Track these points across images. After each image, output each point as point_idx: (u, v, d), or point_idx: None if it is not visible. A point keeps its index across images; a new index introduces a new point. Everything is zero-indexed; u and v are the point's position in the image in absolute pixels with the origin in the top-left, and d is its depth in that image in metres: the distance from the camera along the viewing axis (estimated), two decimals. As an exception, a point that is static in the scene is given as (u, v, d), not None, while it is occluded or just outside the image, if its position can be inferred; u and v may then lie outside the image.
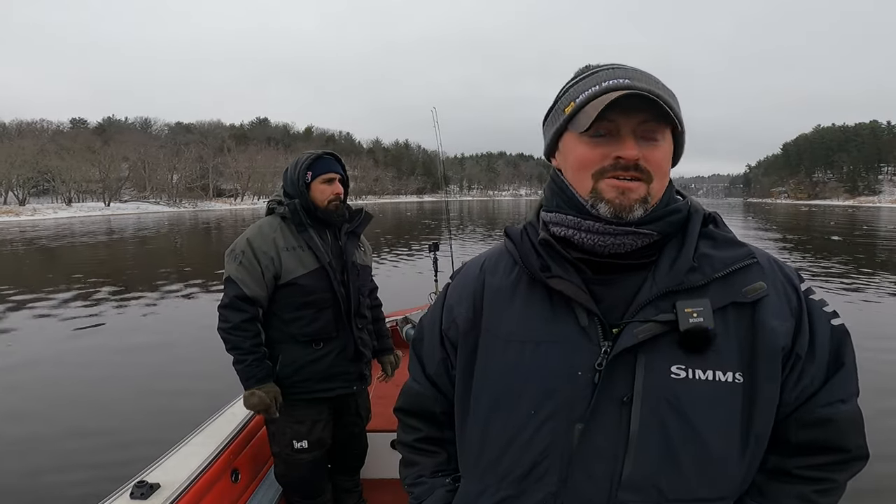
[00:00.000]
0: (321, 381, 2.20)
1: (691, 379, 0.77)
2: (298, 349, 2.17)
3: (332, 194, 2.17)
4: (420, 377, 1.03)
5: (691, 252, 0.81)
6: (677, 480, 0.77)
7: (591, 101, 0.78)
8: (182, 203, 76.01)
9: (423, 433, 1.03)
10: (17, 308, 9.62)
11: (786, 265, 0.87)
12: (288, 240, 2.16)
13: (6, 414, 4.99)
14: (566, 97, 0.84)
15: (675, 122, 0.78)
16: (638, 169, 0.78)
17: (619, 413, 0.78)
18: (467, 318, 0.92)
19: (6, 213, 51.05)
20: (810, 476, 0.83)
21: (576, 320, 0.81)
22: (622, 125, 0.78)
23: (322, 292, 2.17)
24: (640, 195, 0.78)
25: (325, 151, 2.24)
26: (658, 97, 0.76)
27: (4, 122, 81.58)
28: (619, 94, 0.75)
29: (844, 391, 0.84)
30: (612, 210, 0.79)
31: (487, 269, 0.94)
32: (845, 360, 0.84)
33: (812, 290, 0.86)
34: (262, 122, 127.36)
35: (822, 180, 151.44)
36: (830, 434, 0.83)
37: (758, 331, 0.79)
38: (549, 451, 0.81)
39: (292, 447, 2.20)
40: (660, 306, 0.79)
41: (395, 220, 40.33)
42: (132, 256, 19.19)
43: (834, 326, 0.85)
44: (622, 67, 0.82)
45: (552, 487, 0.80)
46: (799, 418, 0.83)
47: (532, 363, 0.83)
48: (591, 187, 0.80)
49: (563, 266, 0.83)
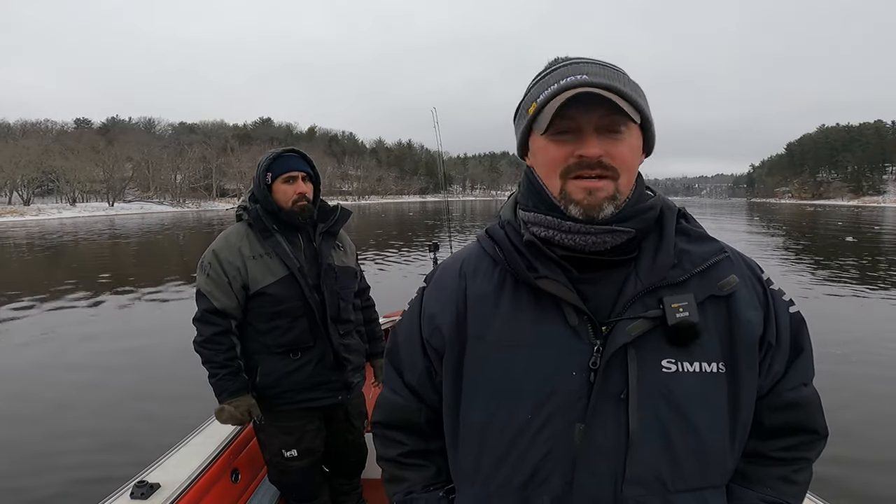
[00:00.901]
0: (303, 391, 2.12)
1: (681, 372, 0.79)
2: (276, 360, 2.09)
3: (295, 194, 2.05)
4: (399, 388, 0.98)
5: (671, 247, 0.82)
6: (678, 471, 0.79)
7: (549, 101, 0.77)
8: (185, 203, 76.16)
9: (408, 447, 0.97)
10: (37, 305, 9.69)
11: (748, 258, 0.90)
12: (254, 247, 2.05)
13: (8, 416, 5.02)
14: (528, 97, 0.84)
15: (637, 114, 0.76)
16: (602, 166, 0.77)
17: (616, 410, 0.78)
18: (451, 325, 0.89)
19: (11, 213, 51.26)
20: (787, 457, 0.87)
21: (565, 321, 0.81)
22: (583, 122, 0.77)
23: (293, 300, 2.06)
24: (608, 193, 0.78)
25: (287, 149, 2.11)
26: (616, 91, 0.75)
27: (9, 122, 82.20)
28: (574, 93, 0.74)
29: (806, 375, 0.88)
30: (581, 211, 0.79)
31: (467, 272, 0.91)
32: (804, 346, 0.88)
33: (771, 280, 0.89)
34: (265, 122, 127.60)
35: (826, 180, 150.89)
36: (799, 416, 0.87)
37: (734, 323, 0.81)
38: (552, 454, 0.80)
39: (282, 455, 2.14)
40: (646, 302, 0.80)
41: (397, 220, 40.30)
42: (139, 254, 19.25)
43: (792, 314, 0.88)
44: (581, 63, 0.81)
45: (557, 491, 0.80)
46: (770, 403, 0.86)
47: (525, 367, 0.82)
48: (560, 188, 0.80)
49: (550, 266, 0.83)
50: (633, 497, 0.78)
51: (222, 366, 2.02)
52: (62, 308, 9.66)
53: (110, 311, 9.52)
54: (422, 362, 0.94)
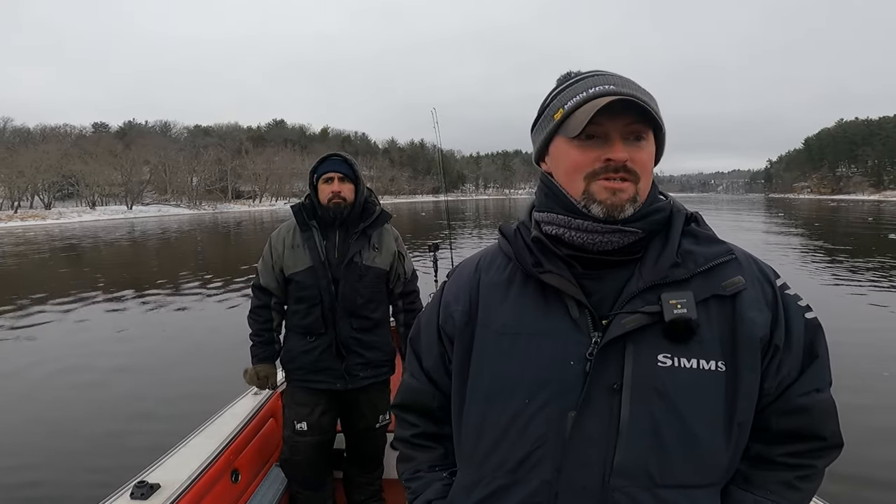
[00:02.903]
0: (311, 372, 2.34)
1: (677, 367, 0.81)
2: (296, 339, 2.37)
3: (330, 192, 2.26)
4: (417, 372, 1.05)
5: (675, 248, 0.86)
6: (666, 466, 0.80)
7: (580, 107, 0.83)
8: (202, 205, 77.00)
9: (420, 429, 1.05)
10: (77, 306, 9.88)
11: (762, 262, 0.92)
12: (295, 238, 2.34)
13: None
14: (554, 104, 0.88)
15: (658, 123, 0.84)
16: (626, 170, 0.82)
17: (609, 401, 0.81)
18: (464, 313, 0.95)
19: (33, 216, 52.27)
20: (792, 463, 0.88)
21: (567, 313, 0.85)
22: (610, 129, 0.82)
23: (312, 289, 2.29)
24: (630, 195, 0.83)
25: (333, 153, 2.37)
26: (643, 102, 0.81)
27: (29, 127, 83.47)
28: (611, 100, 0.79)
29: (820, 381, 0.88)
30: (604, 210, 0.83)
31: (482, 266, 0.98)
32: (819, 352, 0.89)
33: (787, 285, 0.90)
34: (278, 124, 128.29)
35: (845, 175, 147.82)
36: (808, 422, 0.87)
37: (737, 322, 0.83)
38: (544, 439, 0.83)
39: (294, 429, 2.35)
40: (646, 298, 0.83)
41: (410, 220, 40.19)
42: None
43: (808, 319, 0.89)
44: (605, 74, 0.87)
45: (547, 475, 0.83)
46: (778, 407, 0.87)
47: (525, 354, 0.86)
48: (584, 189, 0.84)
49: (555, 262, 0.88)
50: (620, 488, 0.80)
51: (256, 334, 2.41)
52: (116, 306, 9.84)
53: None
54: (437, 348, 1.01)
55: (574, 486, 0.81)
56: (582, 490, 0.81)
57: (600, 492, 0.80)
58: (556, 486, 0.82)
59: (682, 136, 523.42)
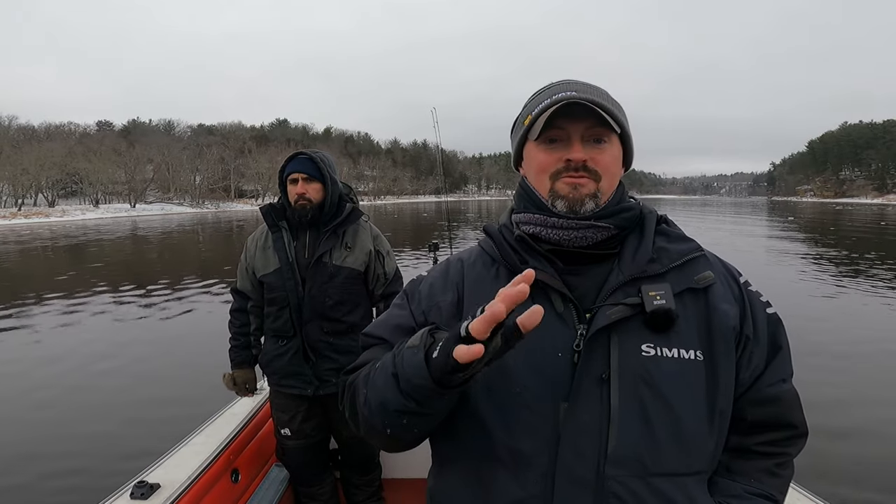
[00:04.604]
0: (283, 376, 2.29)
1: (660, 356, 0.85)
2: (270, 342, 2.33)
3: (296, 194, 2.20)
4: (404, 315, 0.99)
5: (650, 244, 0.92)
6: (658, 454, 0.83)
7: (542, 113, 0.89)
8: (205, 204, 77.19)
9: (388, 344, 0.97)
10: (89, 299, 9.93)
11: (727, 262, 0.99)
12: (266, 240, 2.29)
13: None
14: (524, 111, 0.97)
15: (616, 126, 0.88)
16: (586, 169, 0.89)
17: (599, 390, 0.84)
18: (451, 304, 0.97)
19: (37, 214, 52.45)
20: (769, 451, 0.93)
21: (552, 307, 0.88)
22: (571, 131, 0.90)
23: (280, 291, 2.23)
24: (590, 190, 0.89)
25: (300, 151, 2.29)
26: (598, 105, 0.87)
27: (34, 124, 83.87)
28: (563, 104, 0.87)
29: (784, 371, 0.94)
30: (566, 204, 0.90)
31: (467, 263, 1.02)
32: (782, 344, 0.95)
33: (749, 283, 0.97)
34: (281, 124, 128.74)
35: (849, 178, 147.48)
36: (779, 411, 0.93)
37: (711, 313, 0.89)
38: (538, 431, 0.85)
39: (280, 433, 2.34)
40: (627, 291, 0.88)
41: (412, 222, 40.17)
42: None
43: (769, 314, 0.95)
44: (571, 82, 0.95)
45: (542, 467, 0.84)
46: (750, 398, 0.92)
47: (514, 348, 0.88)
48: (550, 187, 0.91)
49: (538, 259, 0.92)
50: (615, 477, 0.82)
51: (233, 337, 2.37)
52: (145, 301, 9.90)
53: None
54: (410, 319, 0.97)
55: (569, 475, 0.83)
56: (578, 479, 0.83)
57: (595, 481, 0.82)
58: (552, 477, 0.84)
59: (685, 137, 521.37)
